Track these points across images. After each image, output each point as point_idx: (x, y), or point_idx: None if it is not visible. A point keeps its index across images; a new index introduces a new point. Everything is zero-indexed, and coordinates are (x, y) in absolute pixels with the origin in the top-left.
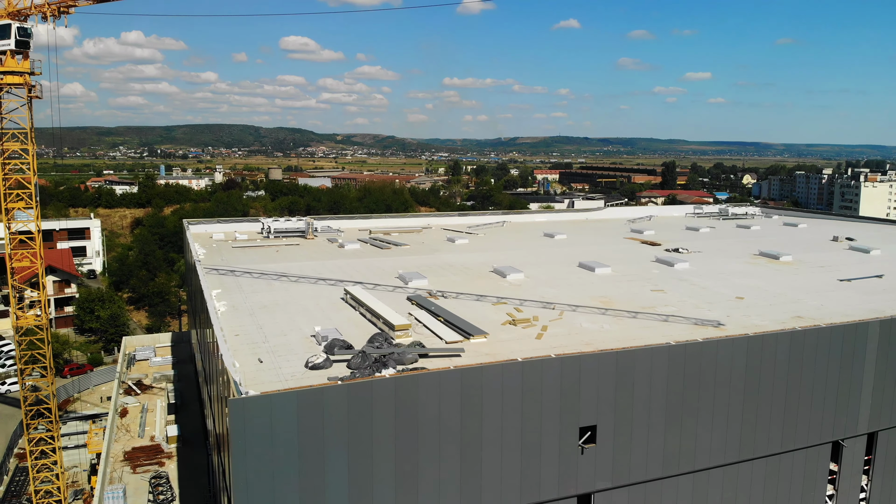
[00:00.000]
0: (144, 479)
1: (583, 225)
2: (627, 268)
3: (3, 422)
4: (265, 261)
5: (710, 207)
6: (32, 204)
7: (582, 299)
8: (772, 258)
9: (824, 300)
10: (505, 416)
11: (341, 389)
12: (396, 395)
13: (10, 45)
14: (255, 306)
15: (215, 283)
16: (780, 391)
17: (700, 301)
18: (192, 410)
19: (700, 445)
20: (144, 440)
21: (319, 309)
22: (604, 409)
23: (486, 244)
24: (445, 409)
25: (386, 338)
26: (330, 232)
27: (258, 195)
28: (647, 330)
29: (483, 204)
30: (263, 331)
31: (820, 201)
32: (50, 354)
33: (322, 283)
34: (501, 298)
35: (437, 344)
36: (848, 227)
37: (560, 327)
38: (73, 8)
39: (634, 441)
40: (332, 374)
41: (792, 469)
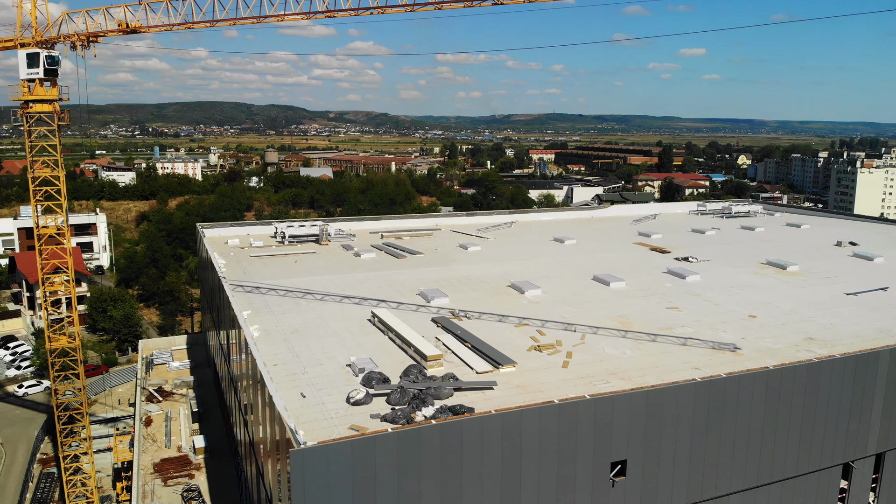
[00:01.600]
0: (177, 493)
1: (589, 225)
2: (640, 281)
3: (23, 426)
4: (286, 274)
5: (712, 205)
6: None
7: (601, 319)
8: (779, 268)
9: (833, 318)
10: (542, 456)
11: (391, 437)
12: (442, 441)
13: (40, 74)
14: (288, 330)
15: (244, 302)
16: (797, 419)
17: (714, 321)
18: (215, 418)
19: (721, 473)
20: (171, 451)
21: (349, 332)
22: (634, 444)
23: (498, 251)
24: (487, 452)
25: (420, 370)
26: (343, 237)
27: (261, 187)
28: (667, 355)
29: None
30: (300, 359)
31: (815, 185)
32: (82, 371)
33: (346, 302)
34: (523, 319)
35: (468, 373)
36: (850, 227)
37: (584, 353)
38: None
39: (661, 472)
40: (374, 410)
41: (805, 490)
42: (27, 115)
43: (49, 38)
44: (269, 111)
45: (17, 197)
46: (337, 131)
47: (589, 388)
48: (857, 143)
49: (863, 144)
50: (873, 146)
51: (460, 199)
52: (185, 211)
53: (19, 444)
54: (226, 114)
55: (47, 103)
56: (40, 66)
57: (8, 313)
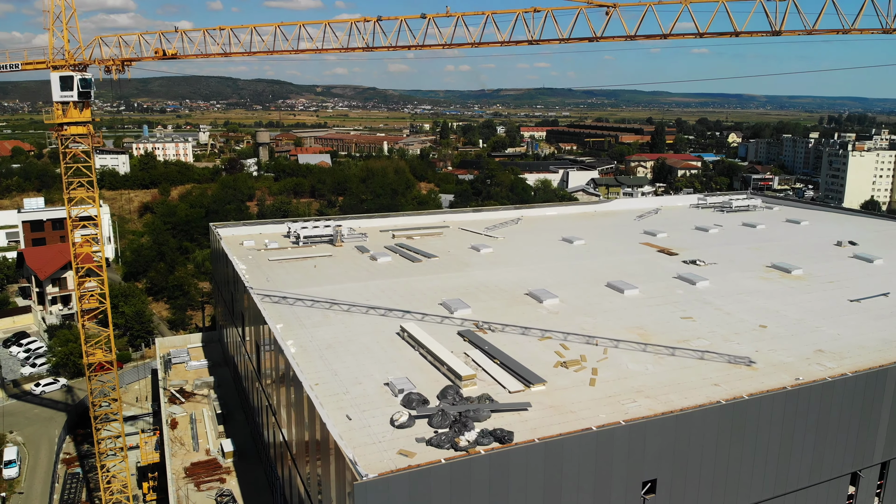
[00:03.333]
0: (210, 497)
1: (594, 221)
2: (653, 287)
3: (43, 425)
4: (309, 281)
5: (713, 198)
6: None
7: (619, 331)
8: (784, 272)
9: (840, 327)
10: (581, 479)
11: (445, 469)
12: (490, 470)
13: (73, 97)
14: (322, 345)
15: (275, 315)
16: (811, 433)
17: (728, 331)
18: (239, 420)
19: (742, 486)
20: (200, 454)
21: (380, 348)
22: (664, 463)
23: (510, 254)
24: (532, 478)
25: (456, 390)
26: (355, 237)
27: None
28: (686, 370)
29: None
30: (339, 378)
31: (806, 165)
32: (118, 385)
33: (373, 314)
34: (545, 332)
35: (501, 392)
36: (848, 224)
37: (608, 369)
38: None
39: (687, 488)
40: (417, 432)
41: (817, 498)
42: (62, 138)
43: (82, 62)
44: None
45: (18, 187)
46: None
47: (617, 408)
48: (846, 119)
49: (851, 121)
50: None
51: (460, 188)
52: (189, 202)
53: (41, 443)
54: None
55: (81, 125)
56: (74, 90)
57: (18, 309)
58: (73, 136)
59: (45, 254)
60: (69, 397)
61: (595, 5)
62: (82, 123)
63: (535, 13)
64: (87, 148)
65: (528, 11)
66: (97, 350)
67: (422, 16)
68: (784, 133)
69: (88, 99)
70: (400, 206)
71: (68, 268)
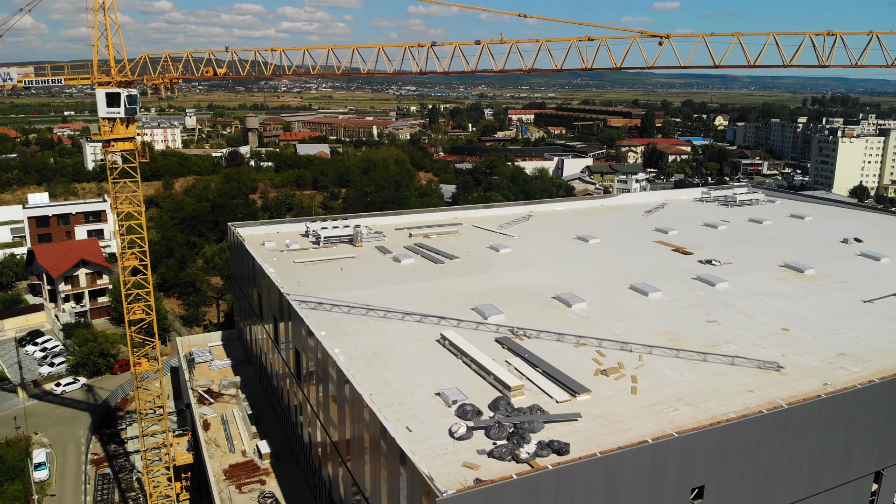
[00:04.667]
0: (253, 499)
1: (603, 218)
2: (674, 289)
3: (67, 425)
4: (339, 286)
5: (717, 192)
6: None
7: (650, 336)
8: (797, 271)
9: (857, 330)
10: (637, 489)
11: (517, 484)
12: (557, 484)
13: (121, 114)
14: (367, 354)
15: (315, 322)
16: (841, 436)
17: (753, 335)
18: (269, 420)
19: (779, 488)
20: (236, 455)
21: (424, 356)
22: (711, 470)
23: (529, 254)
24: (594, 490)
25: (508, 401)
26: (372, 236)
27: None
28: (720, 377)
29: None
30: (391, 388)
31: (794, 150)
32: (164, 398)
33: (409, 320)
34: (580, 339)
35: (548, 402)
36: (849, 220)
37: (646, 377)
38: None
39: (731, 492)
40: (476, 443)
41: (843, 497)
42: (109, 154)
43: (129, 79)
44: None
45: (18, 180)
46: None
47: (662, 417)
48: (829, 100)
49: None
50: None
51: (462, 179)
52: (194, 196)
53: (68, 444)
54: None
55: (128, 141)
56: (121, 107)
57: (31, 307)
58: (121, 151)
59: (56, 251)
60: (91, 397)
61: (648, 35)
62: (129, 139)
63: (590, 41)
64: (134, 163)
65: (583, 40)
66: (143, 360)
67: (476, 42)
68: (769, 116)
69: (134, 115)
70: (404, 199)
71: (80, 266)
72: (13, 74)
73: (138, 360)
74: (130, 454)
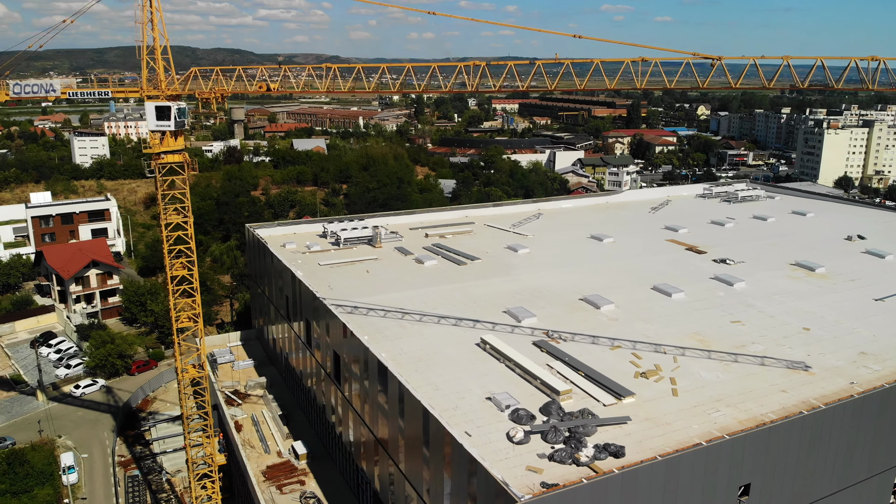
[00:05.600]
0: (295, 500)
1: (611, 215)
2: (695, 290)
3: (90, 428)
4: (370, 289)
5: (718, 188)
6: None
7: (680, 337)
8: (808, 270)
9: (873, 328)
10: (691, 489)
11: (587, 488)
12: (623, 487)
13: (171, 127)
14: (412, 358)
15: (356, 326)
16: (871, 432)
17: (777, 335)
18: (299, 420)
19: (815, 483)
20: (272, 456)
21: (467, 360)
22: (757, 468)
23: (547, 255)
24: (654, 490)
25: (558, 405)
26: (389, 236)
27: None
28: (753, 378)
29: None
30: (442, 392)
31: (778, 140)
32: (210, 407)
33: (444, 323)
34: (614, 341)
35: (595, 405)
36: (849, 214)
37: (684, 378)
38: None
39: (773, 488)
40: (535, 448)
41: (870, 489)
42: (160, 166)
43: (177, 93)
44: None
45: (16, 178)
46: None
47: (705, 418)
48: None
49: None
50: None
51: (462, 175)
52: (198, 195)
53: (93, 447)
54: None
55: (178, 153)
56: (172, 120)
57: (41, 309)
58: (171, 164)
59: (65, 252)
60: (111, 398)
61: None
62: (179, 152)
63: (643, 63)
64: (182, 175)
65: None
66: (190, 368)
67: (531, 62)
68: (751, 105)
69: (183, 127)
70: (407, 196)
71: (91, 266)
72: (56, 86)
73: (185, 365)
74: (157, 455)
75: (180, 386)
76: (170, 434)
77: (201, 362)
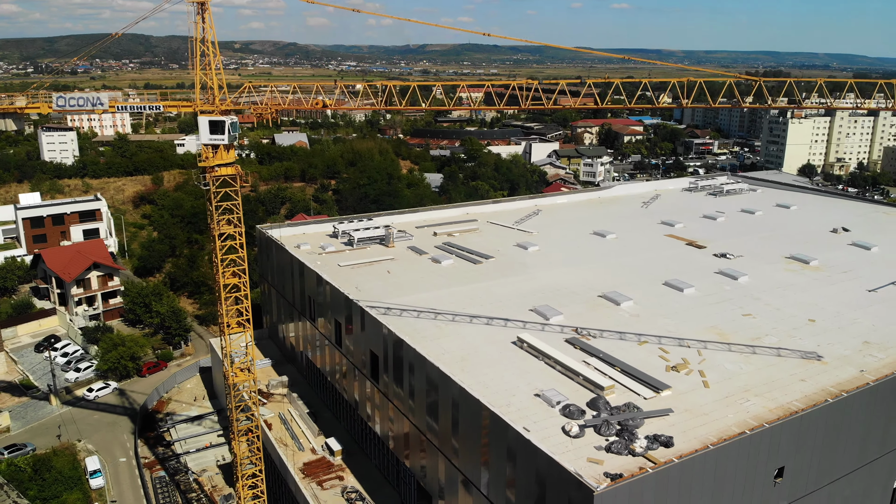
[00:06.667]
0: (337, 495)
1: (606, 210)
2: (703, 284)
3: (108, 430)
4: (396, 290)
5: (703, 182)
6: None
7: (699, 331)
8: (803, 262)
9: (872, 318)
10: (736, 473)
11: (652, 478)
12: (682, 474)
13: (225, 141)
14: (455, 358)
15: (394, 327)
16: (884, 415)
17: (787, 327)
18: (326, 417)
19: (837, 461)
20: (307, 454)
21: (507, 358)
22: (790, 452)
23: (557, 252)
24: (706, 476)
25: (605, 401)
26: (400, 236)
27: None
28: (773, 368)
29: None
30: (492, 390)
31: (741, 129)
32: (258, 410)
33: (477, 323)
34: (641, 337)
35: (636, 399)
36: (830, 206)
37: (712, 371)
38: None
39: (802, 469)
40: (590, 441)
41: (882, 466)
42: (214, 179)
43: (231, 108)
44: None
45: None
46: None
47: (738, 408)
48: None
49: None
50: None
51: (449, 170)
52: (190, 193)
53: (114, 449)
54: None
55: (230, 166)
56: (226, 134)
57: (42, 312)
58: (224, 176)
59: (64, 255)
60: (125, 401)
61: (743, 78)
62: (231, 164)
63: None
64: (234, 187)
65: (682, 80)
66: (240, 373)
67: (579, 80)
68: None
69: (235, 142)
70: (398, 192)
71: (92, 269)
72: (104, 99)
73: (235, 370)
74: (180, 456)
75: (231, 390)
76: (190, 435)
77: (249, 366)
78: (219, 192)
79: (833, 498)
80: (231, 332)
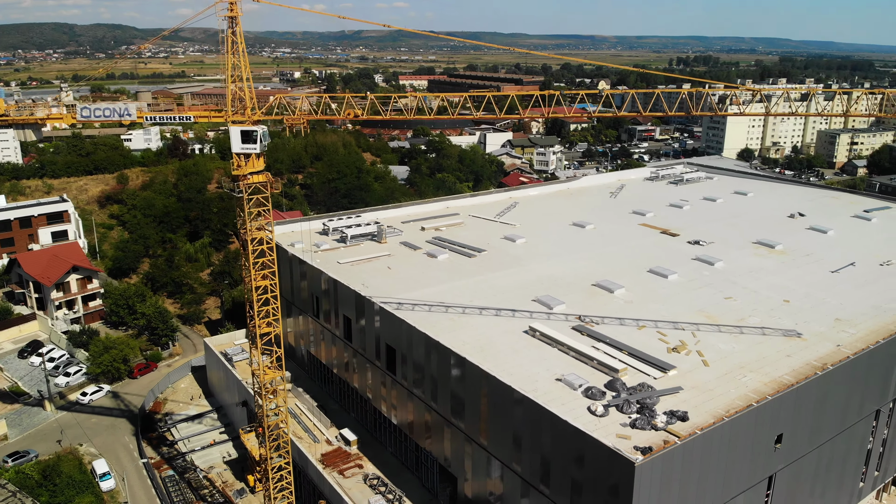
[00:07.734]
0: (360, 482)
1: (578, 201)
2: (684, 271)
3: (110, 433)
4: (401, 286)
5: (665, 171)
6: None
7: (691, 315)
8: (769, 247)
9: (838, 297)
10: (745, 439)
11: (680, 448)
12: (703, 444)
13: (256, 150)
14: (475, 348)
15: (413, 321)
16: (860, 385)
17: (766, 307)
18: (333, 409)
19: (824, 428)
20: (322, 445)
21: (523, 347)
22: (787, 420)
23: (544, 244)
24: (723, 445)
25: (621, 382)
26: (389, 232)
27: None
28: (761, 346)
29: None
30: (516, 377)
31: (680, 116)
32: (286, 409)
33: (487, 314)
34: (639, 322)
35: (647, 379)
36: (781, 192)
37: (708, 351)
38: None
39: (797, 435)
40: (615, 420)
41: (858, 432)
42: (246, 186)
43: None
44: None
45: None
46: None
47: (737, 383)
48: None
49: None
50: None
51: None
52: (157, 191)
53: (118, 451)
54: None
55: (261, 173)
56: (258, 143)
57: (22, 318)
58: (256, 184)
59: (41, 258)
60: (120, 403)
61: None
62: (261, 172)
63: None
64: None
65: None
66: (269, 371)
67: (599, 91)
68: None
69: (265, 150)
70: (369, 186)
71: (72, 272)
72: (132, 110)
73: (263, 369)
74: (186, 454)
75: (263, 389)
76: (192, 433)
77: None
78: (251, 198)
79: (821, 459)
80: (263, 331)
